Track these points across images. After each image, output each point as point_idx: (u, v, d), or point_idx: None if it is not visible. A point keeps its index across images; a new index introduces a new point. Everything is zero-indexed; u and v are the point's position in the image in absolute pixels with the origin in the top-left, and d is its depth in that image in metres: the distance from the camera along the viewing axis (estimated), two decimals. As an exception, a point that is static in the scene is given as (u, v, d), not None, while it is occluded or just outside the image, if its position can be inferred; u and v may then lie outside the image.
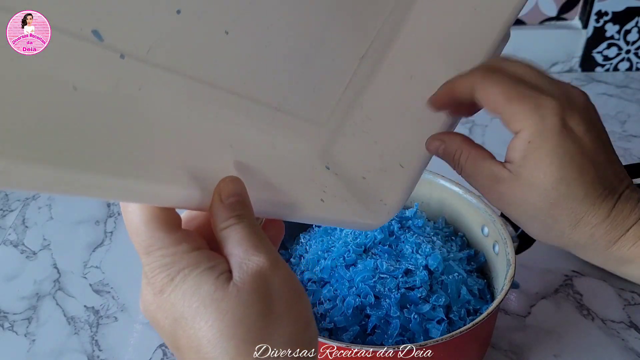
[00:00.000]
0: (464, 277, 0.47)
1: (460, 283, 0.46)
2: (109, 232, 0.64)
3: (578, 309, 0.54)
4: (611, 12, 0.85)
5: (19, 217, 0.66)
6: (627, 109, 0.83)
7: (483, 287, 0.49)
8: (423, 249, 0.48)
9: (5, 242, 0.63)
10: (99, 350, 0.51)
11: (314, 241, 0.51)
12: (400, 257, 0.48)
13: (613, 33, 0.87)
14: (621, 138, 0.77)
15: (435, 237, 0.50)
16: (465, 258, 0.50)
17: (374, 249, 0.49)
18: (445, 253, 0.48)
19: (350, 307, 0.44)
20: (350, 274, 0.46)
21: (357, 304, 0.44)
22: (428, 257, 0.47)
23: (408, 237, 0.49)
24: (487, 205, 0.50)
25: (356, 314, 0.44)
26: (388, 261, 0.47)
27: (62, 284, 0.58)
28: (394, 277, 0.45)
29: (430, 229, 0.51)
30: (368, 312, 0.44)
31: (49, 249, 0.62)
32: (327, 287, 0.47)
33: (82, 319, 0.54)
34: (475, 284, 0.48)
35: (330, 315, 0.45)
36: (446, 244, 0.51)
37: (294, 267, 0.50)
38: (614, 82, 0.89)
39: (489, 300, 0.48)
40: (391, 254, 0.48)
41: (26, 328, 0.53)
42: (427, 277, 0.45)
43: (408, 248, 0.48)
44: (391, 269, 0.46)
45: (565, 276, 0.57)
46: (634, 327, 0.52)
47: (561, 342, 0.51)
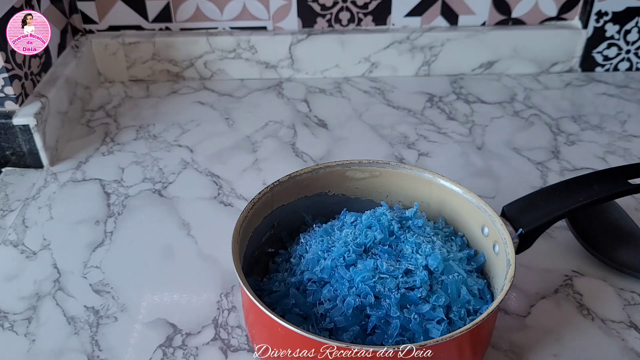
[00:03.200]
0: (464, 277, 0.47)
1: (460, 283, 0.46)
2: (109, 232, 0.64)
3: (578, 309, 0.54)
4: (611, 12, 0.85)
5: (19, 217, 0.66)
6: (627, 109, 0.83)
7: (483, 287, 0.49)
8: (423, 248, 0.48)
9: (5, 242, 0.63)
10: (99, 350, 0.51)
11: (314, 241, 0.51)
12: (401, 257, 0.48)
13: (613, 33, 0.87)
14: (621, 138, 0.77)
15: (435, 237, 0.50)
16: (465, 258, 0.50)
17: (374, 249, 0.49)
18: (445, 253, 0.48)
19: (350, 307, 0.44)
20: (350, 274, 0.46)
21: (357, 304, 0.44)
22: (428, 257, 0.47)
23: (408, 237, 0.49)
24: (487, 205, 0.50)
25: (356, 314, 0.44)
26: (388, 261, 0.47)
27: (62, 284, 0.58)
28: (394, 277, 0.45)
29: (430, 229, 0.51)
30: (368, 312, 0.44)
31: (49, 249, 0.62)
32: (327, 287, 0.46)
33: (82, 319, 0.54)
34: (475, 284, 0.48)
35: (330, 315, 0.45)
36: (446, 244, 0.51)
37: (294, 267, 0.50)
38: (614, 82, 0.89)
39: (489, 300, 0.48)
40: (391, 254, 0.48)
41: (26, 328, 0.54)
42: (427, 277, 0.45)
43: (408, 248, 0.48)
44: (391, 269, 0.46)
45: (565, 276, 0.57)
46: (634, 327, 0.52)
47: (561, 342, 0.51)
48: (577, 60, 0.90)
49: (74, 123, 0.81)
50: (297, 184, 0.55)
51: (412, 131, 0.79)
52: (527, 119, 0.81)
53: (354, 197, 0.58)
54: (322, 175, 0.56)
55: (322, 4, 0.87)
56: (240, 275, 0.44)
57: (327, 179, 0.56)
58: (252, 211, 0.51)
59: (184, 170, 0.73)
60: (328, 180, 0.57)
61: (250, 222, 0.51)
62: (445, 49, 0.88)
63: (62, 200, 0.68)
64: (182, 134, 0.79)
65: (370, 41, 0.88)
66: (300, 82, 0.90)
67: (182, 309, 0.55)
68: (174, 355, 0.51)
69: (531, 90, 0.87)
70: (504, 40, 0.88)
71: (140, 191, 0.69)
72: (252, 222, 0.51)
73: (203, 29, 0.89)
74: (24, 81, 0.71)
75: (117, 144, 0.77)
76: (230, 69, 0.90)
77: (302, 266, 0.49)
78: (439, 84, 0.89)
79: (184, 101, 0.86)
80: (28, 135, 0.70)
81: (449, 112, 0.83)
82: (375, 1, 0.86)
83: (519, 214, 0.51)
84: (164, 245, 0.62)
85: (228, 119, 0.82)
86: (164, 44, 0.87)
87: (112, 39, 0.87)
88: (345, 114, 0.83)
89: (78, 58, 0.82)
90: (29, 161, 0.73)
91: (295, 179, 0.55)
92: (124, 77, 0.91)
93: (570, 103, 0.84)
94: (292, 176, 0.55)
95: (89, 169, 0.73)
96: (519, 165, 0.72)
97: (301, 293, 0.47)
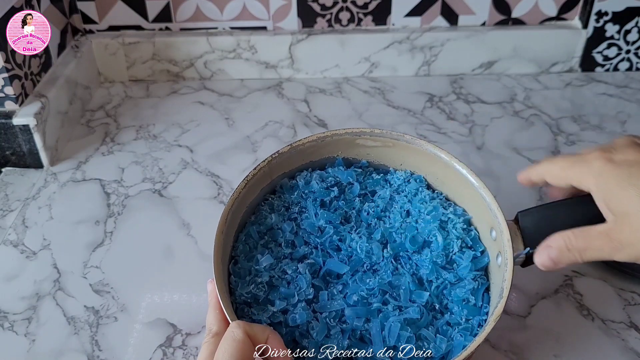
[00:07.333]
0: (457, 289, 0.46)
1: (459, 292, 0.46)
2: (109, 232, 0.64)
3: (578, 309, 0.54)
4: (611, 12, 0.85)
5: (19, 217, 0.66)
6: (627, 109, 0.83)
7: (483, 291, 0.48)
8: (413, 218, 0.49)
9: (5, 242, 0.63)
10: (98, 350, 0.51)
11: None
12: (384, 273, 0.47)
13: (613, 33, 0.87)
14: (621, 138, 0.77)
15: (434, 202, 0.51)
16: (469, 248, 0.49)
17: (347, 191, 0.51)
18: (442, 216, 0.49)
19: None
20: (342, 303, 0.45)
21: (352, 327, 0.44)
22: (419, 268, 0.47)
23: (400, 200, 0.51)
24: (500, 209, 0.46)
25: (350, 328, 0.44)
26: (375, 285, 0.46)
27: (62, 284, 0.58)
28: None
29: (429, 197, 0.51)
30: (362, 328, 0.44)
31: (49, 249, 0.62)
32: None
33: (82, 319, 0.54)
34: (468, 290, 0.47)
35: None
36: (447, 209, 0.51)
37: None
38: (614, 82, 0.89)
39: (486, 305, 0.46)
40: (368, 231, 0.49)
41: (26, 328, 0.54)
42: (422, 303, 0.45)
43: (398, 218, 0.49)
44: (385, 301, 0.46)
45: (565, 276, 0.57)
46: (634, 327, 0.52)
47: (561, 342, 0.51)
48: (577, 60, 0.90)
49: (74, 123, 0.80)
50: (300, 153, 0.51)
51: (412, 131, 0.79)
52: (527, 119, 0.81)
53: (366, 160, 0.54)
54: (329, 142, 0.52)
55: (322, 4, 0.87)
56: (220, 283, 0.42)
57: (335, 146, 0.52)
58: (245, 188, 0.48)
59: (184, 170, 0.73)
60: (336, 147, 0.52)
61: (244, 199, 0.48)
62: (445, 49, 0.88)
63: (62, 200, 0.68)
64: (182, 134, 0.79)
65: (370, 41, 0.88)
66: (300, 82, 0.90)
67: (182, 309, 0.55)
68: (174, 355, 0.51)
69: (531, 90, 0.87)
70: (504, 40, 0.88)
71: (140, 191, 0.69)
72: (245, 199, 0.49)
73: (203, 29, 0.89)
74: (24, 81, 0.71)
75: (117, 144, 0.77)
76: (230, 69, 0.90)
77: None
78: (439, 84, 0.89)
79: (184, 101, 0.86)
80: (28, 135, 0.70)
81: (449, 112, 0.83)
82: (375, 1, 0.86)
83: (534, 229, 0.45)
84: (164, 245, 0.62)
85: (228, 119, 0.82)
86: (164, 44, 0.87)
87: (112, 39, 0.87)
88: (345, 114, 0.83)
89: (78, 58, 0.82)
90: (29, 161, 0.72)
91: (297, 149, 0.50)
92: (124, 77, 0.91)
93: (570, 103, 0.84)
94: (293, 146, 0.50)
95: (89, 169, 0.73)
96: (519, 165, 0.72)
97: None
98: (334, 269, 0.47)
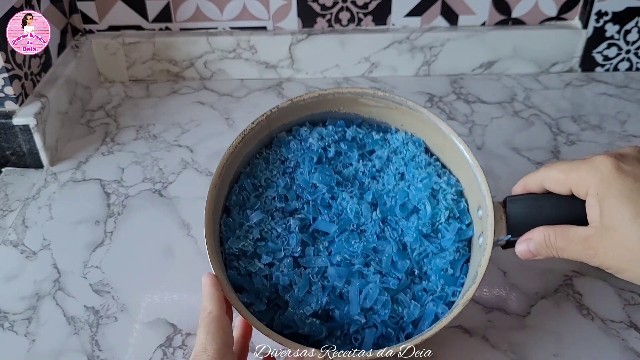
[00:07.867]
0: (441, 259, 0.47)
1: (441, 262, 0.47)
2: (109, 232, 0.64)
3: (578, 309, 0.54)
4: (611, 12, 0.85)
5: (19, 217, 0.66)
6: (627, 109, 0.83)
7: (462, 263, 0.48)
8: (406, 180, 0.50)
9: (5, 242, 0.63)
10: (98, 350, 0.51)
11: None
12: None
13: (613, 33, 0.87)
14: (621, 138, 0.77)
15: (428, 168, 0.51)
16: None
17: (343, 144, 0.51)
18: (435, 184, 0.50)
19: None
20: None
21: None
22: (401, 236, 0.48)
23: (396, 162, 0.51)
24: (489, 192, 0.47)
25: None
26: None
27: (62, 284, 0.58)
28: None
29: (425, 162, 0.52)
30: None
31: (49, 249, 0.62)
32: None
33: (82, 319, 0.54)
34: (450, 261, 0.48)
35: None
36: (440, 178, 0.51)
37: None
38: (614, 82, 0.89)
39: (463, 276, 0.47)
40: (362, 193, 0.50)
41: (26, 328, 0.54)
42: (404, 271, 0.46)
43: (391, 181, 0.50)
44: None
45: (565, 276, 0.57)
46: (634, 327, 0.52)
47: (561, 342, 0.51)
48: (577, 60, 0.90)
49: (74, 123, 0.81)
50: (300, 107, 0.51)
51: (412, 131, 0.79)
52: (527, 119, 0.81)
53: (368, 116, 0.54)
54: (331, 99, 0.52)
55: (322, 4, 0.87)
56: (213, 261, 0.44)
57: (337, 102, 0.52)
58: (242, 143, 0.48)
59: (184, 170, 0.73)
60: (338, 103, 0.52)
61: (240, 152, 0.49)
62: (445, 49, 0.88)
63: (62, 200, 0.68)
64: (182, 134, 0.79)
65: (370, 41, 0.88)
66: (300, 82, 0.90)
67: (182, 309, 0.55)
68: (174, 355, 0.51)
69: (531, 90, 0.87)
70: (503, 40, 0.88)
71: (140, 191, 0.69)
72: (241, 151, 0.49)
73: (203, 29, 0.89)
74: (24, 81, 0.71)
75: (117, 144, 0.77)
76: (230, 69, 0.90)
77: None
78: (439, 84, 0.89)
79: (184, 101, 0.86)
80: (28, 135, 0.70)
81: (449, 112, 0.83)
82: (375, 1, 0.86)
83: (519, 217, 0.46)
84: (164, 245, 0.62)
85: (228, 119, 0.82)
86: (164, 44, 0.87)
87: (112, 39, 0.87)
88: (345, 114, 0.83)
89: (78, 58, 0.82)
90: (29, 161, 0.73)
91: (297, 104, 0.50)
92: (124, 77, 0.91)
93: (570, 103, 0.84)
94: (294, 101, 0.50)
95: (89, 169, 0.73)
96: (519, 165, 0.72)
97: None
98: (322, 229, 0.48)
